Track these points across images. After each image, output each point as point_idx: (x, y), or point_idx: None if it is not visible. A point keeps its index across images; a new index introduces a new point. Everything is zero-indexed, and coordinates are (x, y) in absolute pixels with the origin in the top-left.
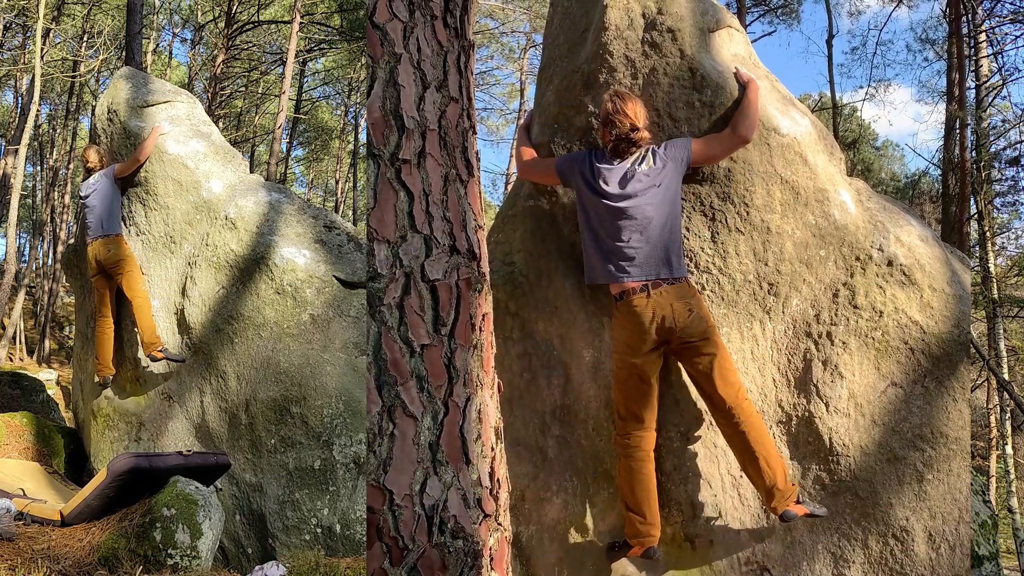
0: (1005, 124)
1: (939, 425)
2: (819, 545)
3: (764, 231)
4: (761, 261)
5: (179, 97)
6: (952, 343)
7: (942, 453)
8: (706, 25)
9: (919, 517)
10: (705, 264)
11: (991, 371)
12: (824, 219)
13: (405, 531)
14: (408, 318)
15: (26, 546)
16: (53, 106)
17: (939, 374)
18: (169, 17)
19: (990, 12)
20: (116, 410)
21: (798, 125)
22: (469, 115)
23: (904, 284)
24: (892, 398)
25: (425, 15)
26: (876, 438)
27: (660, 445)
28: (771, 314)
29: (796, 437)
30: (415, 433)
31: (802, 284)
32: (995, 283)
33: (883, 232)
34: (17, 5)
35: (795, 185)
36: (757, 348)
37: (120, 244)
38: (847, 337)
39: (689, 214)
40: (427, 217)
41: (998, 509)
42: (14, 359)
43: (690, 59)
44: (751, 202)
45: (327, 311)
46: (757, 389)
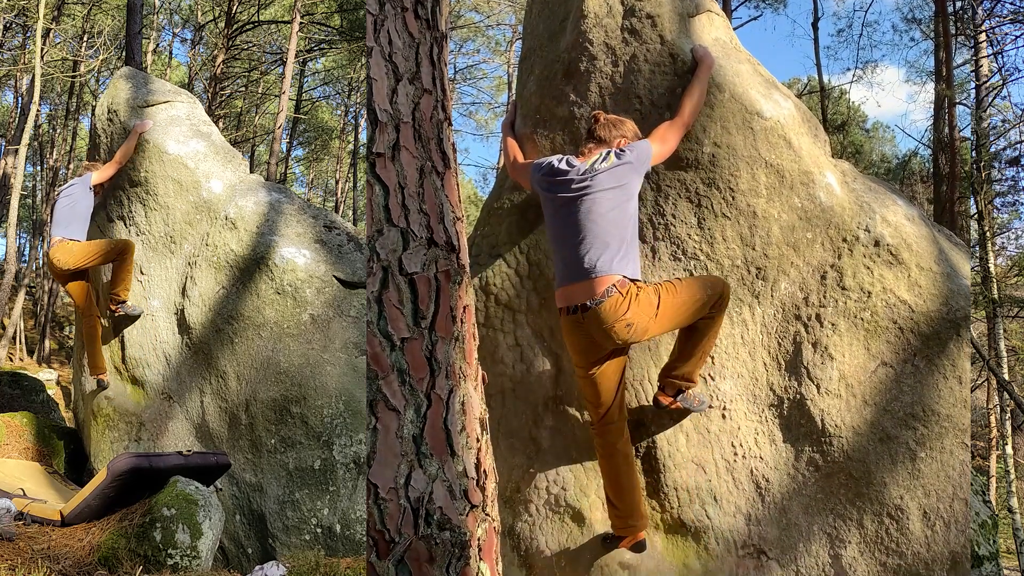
0: (1005, 124)
1: (930, 403)
2: (815, 526)
3: (750, 215)
4: (748, 246)
5: (179, 97)
6: (941, 321)
7: (934, 431)
8: (685, 10)
9: (913, 495)
10: (692, 251)
11: (991, 371)
12: (810, 201)
13: (391, 524)
14: (387, 312)
15: (26, 546)
16: (53, 106)
17: (929, 352)
18: (169, 17)
19: (990, 12)
20: (116, 410)
21: (781, 108)
22: (444, 106)
23: (891, 264)
24: (883, 378)
25: (396, 7)
26: (868, 418)
27: (653, 432)
28: (760, 298)
29: (788, 420)
30: (398, 426)
31: (790, 267)
32: (995, 283)
33: (869, 213)
34: (17, 5)
35: (780, 168)
36: (747, 332)
37: (67, 247)
38: (836, 319)
39: (675, 201)
40: (403, 210)
41: (998, 509)
42: (14, 359)
43: (671, 45)
44: (736, 187)
45: (327, 311)
46: (748, 373)
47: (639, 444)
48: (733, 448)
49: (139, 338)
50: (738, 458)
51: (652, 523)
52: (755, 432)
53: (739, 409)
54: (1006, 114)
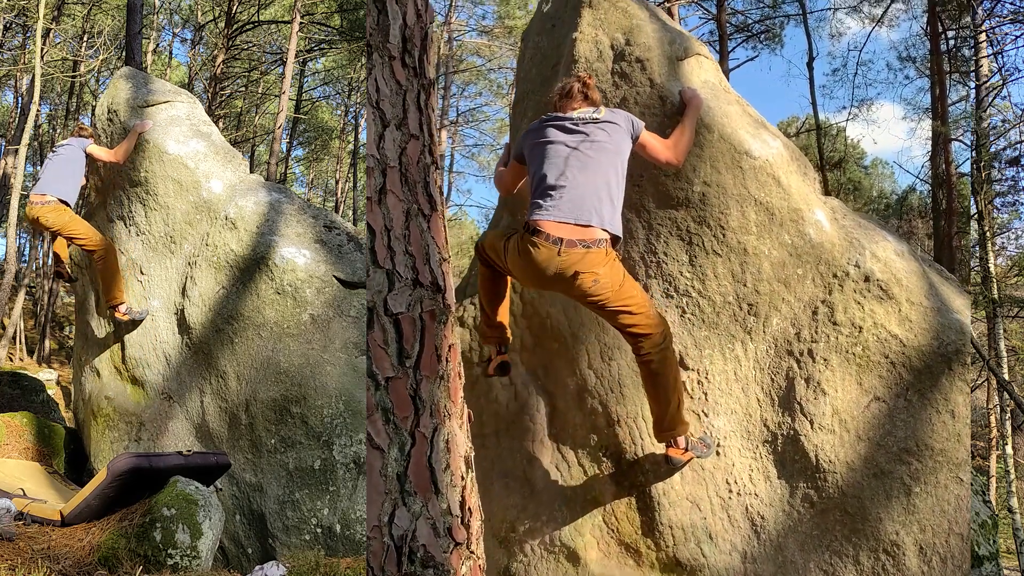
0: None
1: (924, 437)
2: (811, 563)
3: (741, 252)
4: (740, 282)
5: (179, 97)
6: (932, 355)
7: (928, 466)
8: (674, 54)
9: (909, 531)
10: (684, 288)
11: (991, 371)
12: (800, 238)
13: (375, 562)
14: (372, 352)
15: (26, 546)
16: (53, 106)
17: (921, 387)
18: (169, 17)
19: (990, 12)
20: (116, 410)
21: (770, 147)
22: (431, 151)
23: (882, 299)
24: (876, 412)
25: (383, 56)
26: (862, 453)
27: (648, 471)
28: (752, 334)
29: (783, 456)
30: (382, 465)
31: (781, 303)
32: (995, 283)
33: (859, 248)
34: (17, 5)
35: (769, 206)
36: (740, 369)
37: (60, 211)
38: (828, 354)
39: (667, 239)
40: (389, 252)
41: (998, 509)
42: (14, 359)
43: (660, 87)
44: (727, 224)
45: (327, 311)
46: (742, 410)
47: (633, 482)
48: (728, 485)
49: (139, 338)
50: (733, 495)
51: (647, 562)
52: (750, 469)
53: (733, 446)
54: (1006, 114)
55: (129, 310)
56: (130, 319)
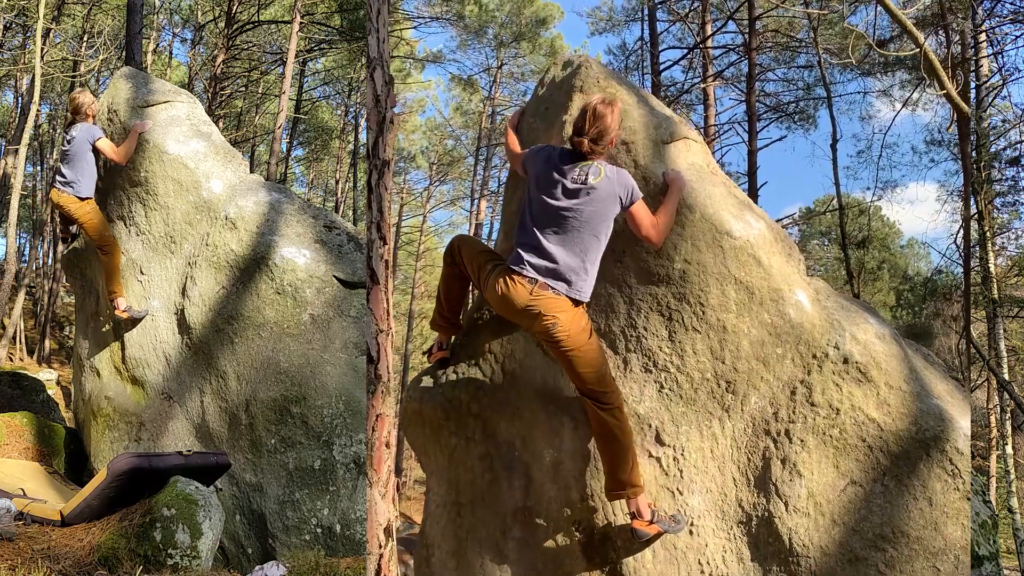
0: (1005, 124)
1: (900, 524)
2: None
3: (720, 330)
4: (718, 359)
5: (179, 97)
6: (910, 440)
7: (904, 553)
8: (660, 137)
9: None
10: (663, 363)
11: (991, 371)
12: (780, 318)
13: None
14: None
15: (26, 546)
16: (53, 106)
17: (898, 472)
18: (169, 17)
19: (990, 12)
20: (116, 410)
21: (751, 228)
22: (379, 227)
23: (860, 381)
24: (852, 497)
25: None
26: (837, 538)
27: (619, 547)
28: (730, 412)
29: (757, 538)
30: None
31: (760, 382)
32: (995, 283)
33: (839, 330)
34: (17, 5)
35: (749, 285)
36: (716, 447)
37: (80, 203)
38: (805, 435)
39: (647, 314)
40: None
41: (998, 509)
42: (14, 359)
43: (643, 169)
44: (706, 302)
45: (327, 311)
46: (717, 488)
47: (604, 558)
48: (700, 566)
49: (139, 338)
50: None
51: None
52: (723, 549)
53: (707, 525)
54: (1006, 114)
55: (129, 308)
56: (130, 317)
